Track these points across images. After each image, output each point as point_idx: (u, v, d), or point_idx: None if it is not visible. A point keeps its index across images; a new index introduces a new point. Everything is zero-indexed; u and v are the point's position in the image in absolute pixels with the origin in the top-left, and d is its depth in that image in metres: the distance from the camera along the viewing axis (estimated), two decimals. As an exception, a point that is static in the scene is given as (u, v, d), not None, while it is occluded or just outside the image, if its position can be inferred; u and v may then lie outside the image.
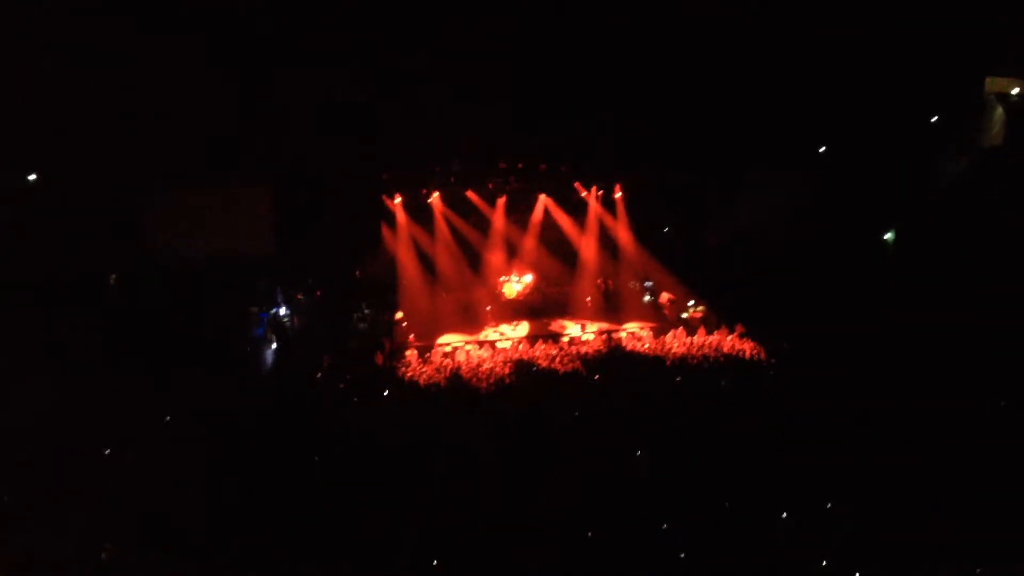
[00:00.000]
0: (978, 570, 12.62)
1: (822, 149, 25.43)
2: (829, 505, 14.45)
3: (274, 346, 23.99)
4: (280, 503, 14.82)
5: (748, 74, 23.01)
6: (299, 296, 25.80)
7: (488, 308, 27.33)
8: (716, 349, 22.92)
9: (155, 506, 14.37)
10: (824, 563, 13.09)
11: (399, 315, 26.26)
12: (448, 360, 23.21)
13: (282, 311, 25.21)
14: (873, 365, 19.46)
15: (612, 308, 27.73)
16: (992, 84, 22.99)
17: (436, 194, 27.33)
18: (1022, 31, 21.18)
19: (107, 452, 16.26)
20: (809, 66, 22.64)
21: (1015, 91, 22.61)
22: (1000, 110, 22.89)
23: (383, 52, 22.22)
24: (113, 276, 23.25)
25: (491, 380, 21.19)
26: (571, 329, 26.17)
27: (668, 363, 22.15)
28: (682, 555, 13.43)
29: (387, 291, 26.78)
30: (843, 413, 17.25)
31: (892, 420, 16.80)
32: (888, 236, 25.67)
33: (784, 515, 14.24)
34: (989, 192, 22.54)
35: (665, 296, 27.51)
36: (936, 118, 24.02)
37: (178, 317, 21.80)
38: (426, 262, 27.60)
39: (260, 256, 24.45)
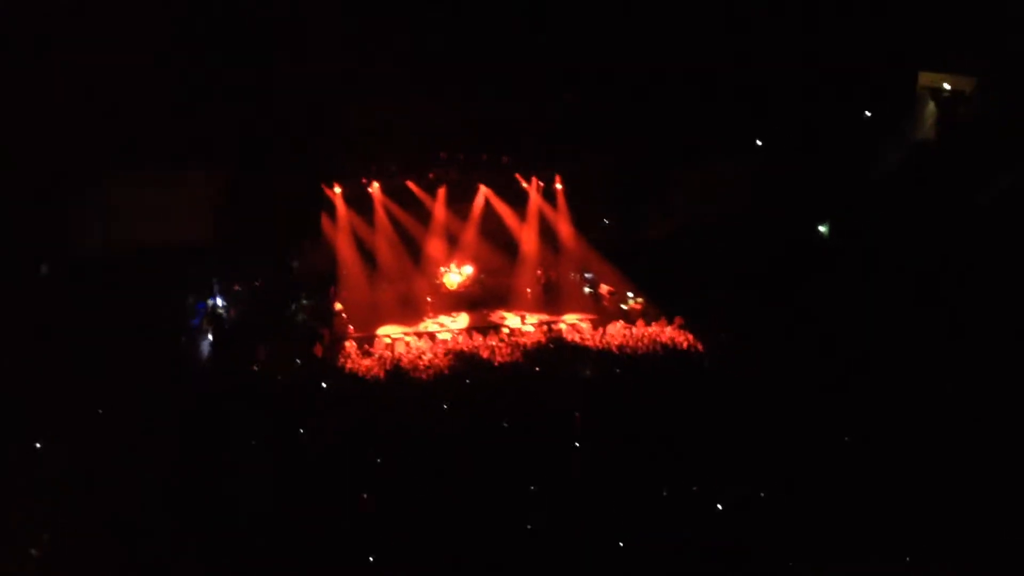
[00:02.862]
0: (908, 559, 12.91)
1: (758, 142, 25.72)
2: (762, 494, 14.69)
3: (210, 337, 23.54)
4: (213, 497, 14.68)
5: (687, 68, 23.21)
6: (236, 287, 25.33)
7: (428, 299, 27.14)
8: (654, 340, 23.08)
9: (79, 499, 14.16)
10: (756, 549, 13.30)
11: (338, 306, 25.96)
12: (388, 351, 23.04)
13: (219, 301, 24.74)
14: (808, 356, 19.77)
15: (552, 300, 27.68)
16: (924, 79, 23.43)
17: (376, 184, 27.04)
18: (955, 26, 21.62)
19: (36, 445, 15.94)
20: (745, 60, 22.91)
21: (947, 86, 23.05)
22: (932, 105, 23.34)
23: (322, 39, 21.99)
24: (43, 265, 22.63)
25: (431, 372, 21.12)
26: (511, 320, 26.11)
27: (606, 352, 22.33)
28: (620, 544, 13.55)
29: (326, 281, 26.42)
30: (777, 403, 17.55)
31: (825, 410, 17.11)
32: (822, 228, 26.07)
33: (718, 504, 14.45)
34: (920, 186, 23.00)
35: (605, 288, 27.58)
36: (869, 113, 24.42)
37: (109, 308, 21.27)
38: (366, 252, 27.28)
39: (197, 245, 23.99)
